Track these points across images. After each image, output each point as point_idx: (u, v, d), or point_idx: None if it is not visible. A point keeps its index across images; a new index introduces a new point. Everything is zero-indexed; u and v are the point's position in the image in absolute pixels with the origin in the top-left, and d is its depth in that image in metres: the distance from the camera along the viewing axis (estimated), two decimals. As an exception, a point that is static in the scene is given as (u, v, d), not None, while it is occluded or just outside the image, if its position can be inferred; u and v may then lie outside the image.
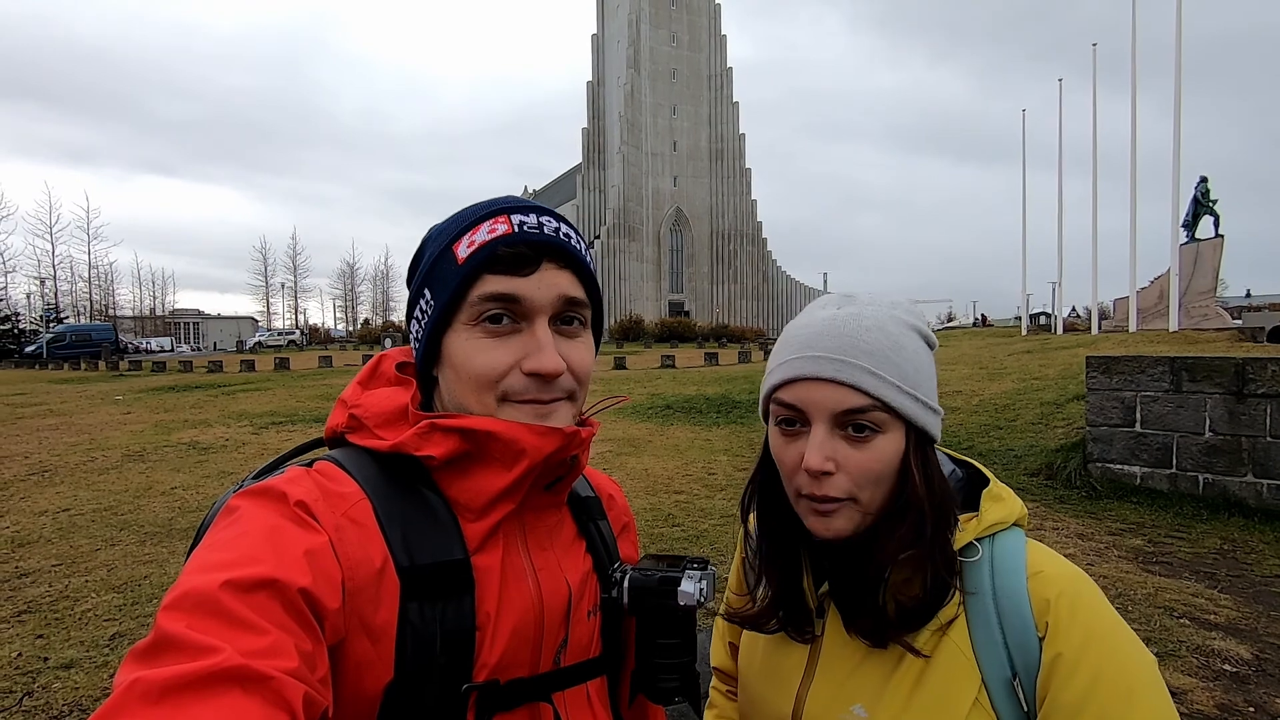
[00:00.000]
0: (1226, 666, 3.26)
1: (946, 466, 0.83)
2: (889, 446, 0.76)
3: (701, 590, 0.74)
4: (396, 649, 0.61)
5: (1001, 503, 0.80)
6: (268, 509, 0.60)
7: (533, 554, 0.73)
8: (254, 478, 0.68)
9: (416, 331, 0.73)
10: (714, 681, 1.08)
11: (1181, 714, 2.86)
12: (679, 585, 0.74)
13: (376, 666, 0.61)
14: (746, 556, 0.92)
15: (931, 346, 0.82)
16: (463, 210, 0.74)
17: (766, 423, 0.84)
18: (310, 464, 0.69)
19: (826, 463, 0.74)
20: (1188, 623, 3.73)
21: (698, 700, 0.79)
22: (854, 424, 0.75)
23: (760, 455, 0.87)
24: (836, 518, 0.76)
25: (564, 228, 0.72)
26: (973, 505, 0.80)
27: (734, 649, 1.02)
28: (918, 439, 0.77)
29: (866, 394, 0.74)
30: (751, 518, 0.91)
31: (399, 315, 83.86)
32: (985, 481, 0.83)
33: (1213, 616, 3.83)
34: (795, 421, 0.78)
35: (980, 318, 70.79)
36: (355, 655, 0.60)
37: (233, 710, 0.45)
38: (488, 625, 0.66)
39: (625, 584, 0.76)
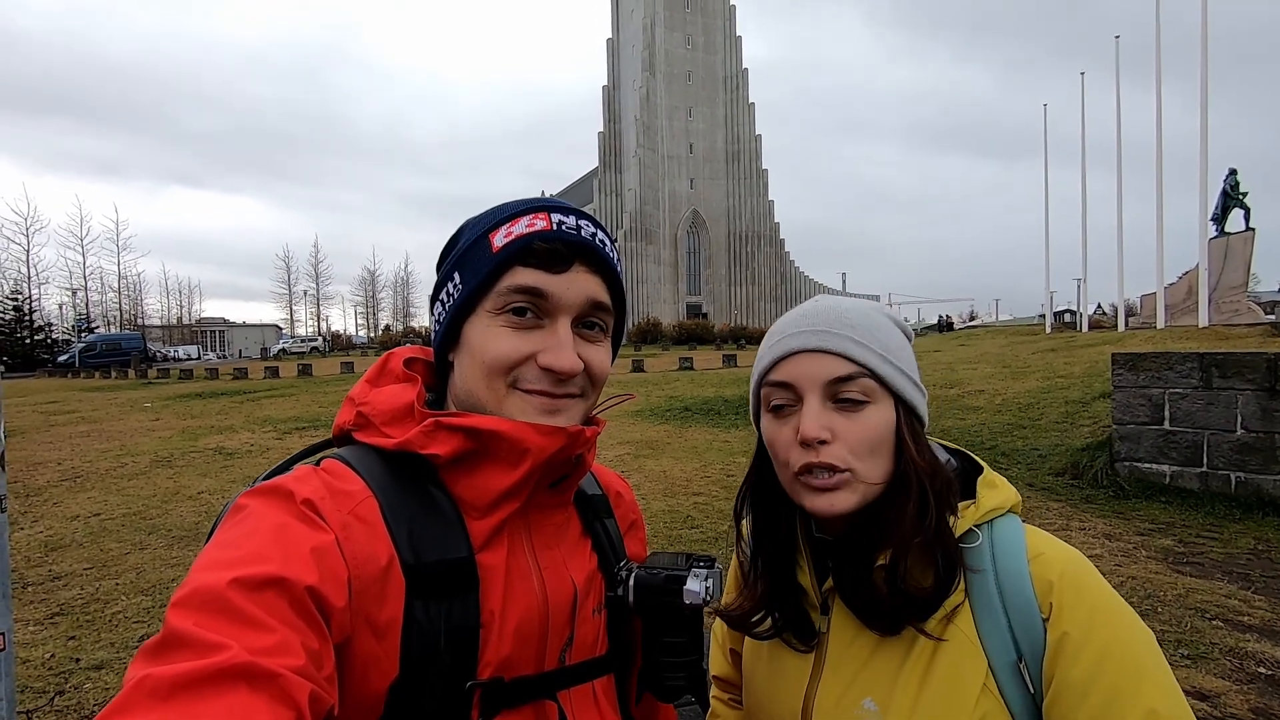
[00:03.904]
0: (1261, 669, 3.18)
1: (941, 455, 0.84)
2: (880, 417, 0.77)
3: (708, 589, 0.74)
4: (402, 646, 0.62)
5: (996, 489, 0.81)
6: (275, 507, 0.60)
7: (538, 552, 0.73)
8: (264, 478, 0.68)
9: (439, 314, 0.74)
10: (714, 690, 1.05)
11: (1215, 718, 2.80)
12: (685, 584, 0.74)
13: (382, 663, 0.61)
14: (740, 559, 0.92)
15: (909, 337, 0.85)
16: (503, 204, 0.75)
17: (757, 421, 0.85)
18: (318, 463, 0.69)
19: (822, 430, 0.75)
20: (1220, 625, 3.64)
21: (705, 698, 0.78)
22: (844, 395, 0.77)
23: (754, 456, 0.88)
24: (839, 493, 0.76)
25: (600, 234, 0.73)
26: (969, 494, 0.80)
27: (735, 655, 1.01)
28: (907, 414, 0.79)
29: (853, 361, 0.76)
30: (745, 523, 0.91)
31: (419, 321, 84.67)
32: (979, 470, 0.83)
33: (1246, 618, 3.73)
34: (785, 405, 0.80)
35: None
36: (361, 652, 0.60)
37: (240, 707, 0.46)
38: (492, 623, 0.66)
39: (631, 582, 0.76)
